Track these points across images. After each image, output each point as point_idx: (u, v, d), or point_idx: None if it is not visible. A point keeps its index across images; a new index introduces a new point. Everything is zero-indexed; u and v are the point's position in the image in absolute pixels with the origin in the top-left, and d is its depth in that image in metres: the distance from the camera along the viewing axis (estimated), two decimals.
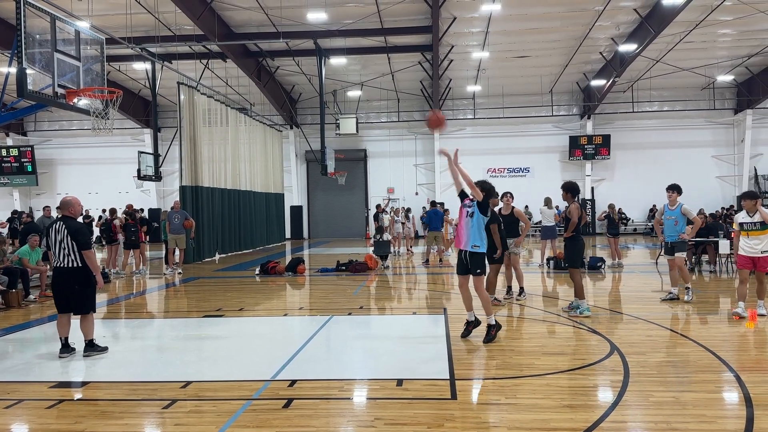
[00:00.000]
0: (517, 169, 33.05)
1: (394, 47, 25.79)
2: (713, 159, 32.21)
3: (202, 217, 20.16)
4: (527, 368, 6.33)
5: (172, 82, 24.33)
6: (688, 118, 32.13)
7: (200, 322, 9.44)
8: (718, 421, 4.73)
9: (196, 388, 5.83)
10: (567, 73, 29.73)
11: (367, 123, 33.31)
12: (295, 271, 15.88)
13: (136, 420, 5.07)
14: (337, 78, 29.61)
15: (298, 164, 34.21)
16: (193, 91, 20.24)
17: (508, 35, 24.70)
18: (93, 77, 11.79)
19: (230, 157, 23.19)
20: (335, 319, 9.42)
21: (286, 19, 22.23)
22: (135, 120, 32.72)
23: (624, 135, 32.38)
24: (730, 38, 25.58)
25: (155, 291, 13.65)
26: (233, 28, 23.91)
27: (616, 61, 26.37)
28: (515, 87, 31.53)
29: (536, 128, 32.87)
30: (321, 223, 34.41)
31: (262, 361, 6.86)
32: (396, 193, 33.88)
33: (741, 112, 31.42)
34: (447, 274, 15.64)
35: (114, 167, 33.88)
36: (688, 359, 6.54)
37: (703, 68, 28.32)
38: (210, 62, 26.12)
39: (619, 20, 23.50)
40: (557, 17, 22.92)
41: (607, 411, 4.98)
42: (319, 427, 4.80)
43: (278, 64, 28.27)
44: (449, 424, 4.77)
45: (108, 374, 6.54)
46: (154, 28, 22.00)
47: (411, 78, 30.08)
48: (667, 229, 10.38)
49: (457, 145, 35.62)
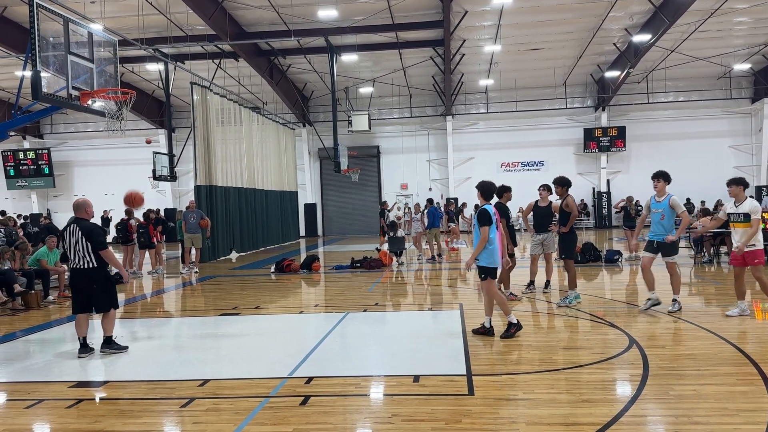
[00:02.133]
0: (531, 162, 32.83)
1: (405, 43, 25.70)
2: (730, 149, 31.76)
3: (217, 216, 20.26)
4: (545, 363, 6.29)
5: (185, 83, 24.46)
6: (704, 108, 31.71)
7: (217, 321, 9.49)
8: (741, 414, 4.66)
9: (213, 387, 5.86)
10: (580, 65, 29.45)
11: (379, 119, 33.28)
12: (310, 268, 15.91)
13: (154, 419, 5.10)
14: (349, 75, 29.58)
15: (312, 162, 34.27)
16: (206, 91, 20.32)
17: (520, 28, 24.51)
18: (106, 79, 11.85)
19: (244, 156, 23.28)
20: (351, 315, 9.42)
21: (297, 17, 22.23)
22: (149, 121, 32.94)
23: (639, 126, 32.03)
24: (746, 26, 25.18)
25: (172, 290, 13.74)
26: (245, 27, 23.96)
27: (630, 51, 26.08)
28: (528, 80, 31.30)
29: (550, 121, 32.61)
30: (335, 221, 34.44)
31: (279, 358, 6.87)
32: (409, 189, 33.83)
33: (758, 101, 30.92)
34: (461, 269, 15.57)
35: (129, 168, 34.11)
36: (708, 352, 6.46)
37: (719, 57, 27.91)
38: (222, 62, 26.20)
39: (633, 10, 23.23)
40: (569, 9, 22.70)
41: (626, 405, 4.93)
42: (337, 424, 4.79)
43: (290, 62, 28.30)
44: (467, 420, 4.74)
45: (127, 373, 6.59)
46: (166, 28, 22.12)
47: (423, 73, 29.98)
48: (654, 225, 8.86)
49: (471, 140, 35.55)
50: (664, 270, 9.02)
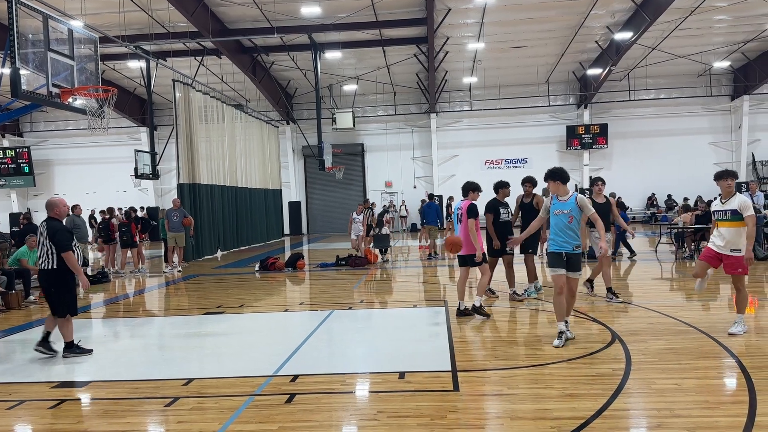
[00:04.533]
0: (514, 160, 33.00)
1: (389, 40, 25.69)
2: (710, 146, 32.17)
3: (201, 215, 20.13)
4: (529, 358, 6.34)
5: (167, 80, 24.24)
6: (684, 106, 32.08)
7: (201, 320, 9.43)
8: (721, 407, 4.73)
9: (198, 386, 5.83)
10: (563, 62, 29.65)
11: (363, 117, 33.25)
12: (294, 266, 15.87)
13: (138, 418, 5.07)
14: (333, 72, 29.51)
15: (296, 160, 34.16)
16: (188, 89, 20.16)
17: (503, 26, 24.61)
18: (87, 76, 11.72)
19: (227, 153, 23.14)
20: (336, 313, 9.41)
21: (279, 14, 22.12)
22: (131, 118, 32.63)
23: (621, 124, 32.33)
24: (725, 24, 25.49)
25: (155, 289, 13.64)
26: (227, 24, 23.81)
27: (612, 49, 26.29)
28: (511, 78, 31.45)
29: (533, 119, 32.81)
30: (320, 218, 34.38)
31: (264, 357, 6.85)
32: (394, 186, 33.88)
33: (738, 98, 31.35)
34: (446, 267, 15.62)
35: (111, 166, 33.79)
36: (689, 346, 6.54)
37: (699, 55, 28.24)
38: (205, 59, 26.02)
39: (614, 8, 23.41)
40: (552, 6, 22.82)
41: (610, 399, 4.98)
42: (322, 421, 4.79)
43: (273, 59, 28.17)
44: (452, 416, 4.77)
45: (109, 373, 6.53)
46: (147, 25, 21.90)
47: (407, 71, 29.99)
48: (559, 232, 6.87)
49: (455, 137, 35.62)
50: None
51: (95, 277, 14.51)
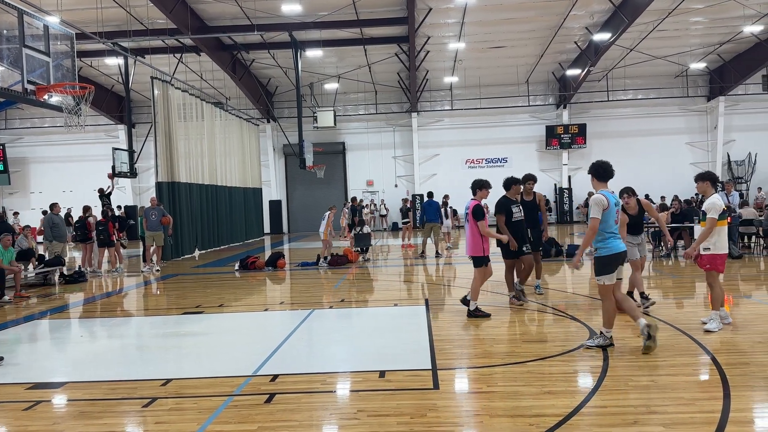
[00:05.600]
0: (494, 159, 33.19)
1: (370, 39, 25.68)
2: (687, 146, 32.65)
3: (180, 214, 19.95)
4: (508, 356, 6.37)
5: (145, 77, 23.99)
6: (662, 106, 32.52)
7: (179, 320, 9.35)
8: (696, 403, 4.81)
9: (176, 386, 5.78)
10: (542, 63, 29.88)
11: (345, 115, 33.20)
12: (275, 265, 15.79)
13: (115, 419, 5.01)
14: (314, 71, 29.42)
15: (276, 158, 34.01)
16: (167, 86, 19.97)
17: (484, 26, 24.73)
18: (63, 73, 11.54)
19: (206, 152, 22.96)
20: (316, 312, 9.39)
21: (260, 11, 22.01)
22: (108, 116, 32.23)
23: (599, 124, 32.68)
24: (702, 26, 25.89)
25: (133, 289, 13.49)
26: (207, 22, 23.62)
27: (591, 50, 26.56)
28: (492, 78, 31.62)
29: (513, 118, 33.02)
30: (300, 217, 34.25)
31: (243, 356, 6.81)
32: (375, 185, 33.89)
33: (714, 99, 31.87)
34: (425, 265, 15.67)
35: (88, 165, 33.30)
36: (665, 343, 6.63)
37: (676, 56, 28.64)
38: (184, 56, 25.78)
39: (593, 9, 23.65)
40: (532, 7, 22.98)
41: (587, 396, 5.03)
42: (302, 421, 4.78)
43: (253, 57, 28.00)
44: (432, 414, 4.78)
45: (86, 374, 6.45)
46: (125, 22, 21.66)
47: (388, 70, 30.01)
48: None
49: (436, 136, 35.65)
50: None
51: (71, 276, 14.32)
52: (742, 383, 5.20)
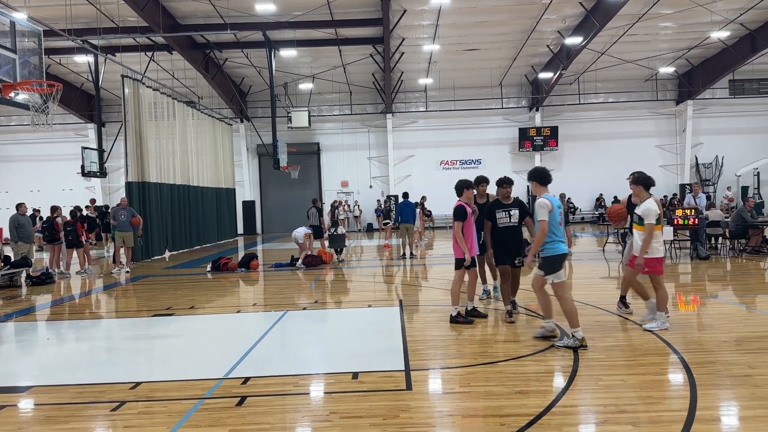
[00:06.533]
0: (469, 160, 33.41)
1: (345, 39, 25.65)
2: (656, 148, 33.26)
3: (150, 214, 19.68)
4: (481, 356, 6.41)
5: (115, 75, 23.64)
6: (632, 109, 33.08)
7: (150, 322, 9.21)
8: (664, 402, 4.89)
9: (146, 389, 5.69)
10: (516, 66, 30.17)
11: (319, 116, 33.12)
12: (248, 266, 15.66)
13: (82, 424, 4.91)
14: (288, 70, 29.28)
15: (250, 158, 33.76)
16: (138, 84, 19.68)
17: (458, 28, 24.88)
18: (31, 70, 11.31)
19: (178, 151, 22.69)
20: (290, 314, 9.33)
21: (233, 10, 21.83)
22: (78, 115, 31.67)
23: (571, 126, 33.11)
24: (671, 31, 26.41)
25: (102, 290, 13.26)
26: (179, 20, 23.35)
27: (563, 53, 26.90)
28: (466, 80, 31.82)
29: (487, 120, 33.28)
30: (274, 218, 34.05)
31: (215, 359, 6.73)
32: (350, 186, 33.86)
33: (682, 103, 32.52)
34: (401, 266, 15.68)
35: (57, 164, 32.73)
36: (634, 343, 6.74)
37: (646, 60, 29.17)
38: (155, 54, 25.46)
39: (565, 13, 23.96)
40: (505, 10, 23.20)
41: (558, 395, 5.09)
42: (274, 423, 4.74)
43: (226, 56, 27.77)
44: (404, 415, 4.78)
45: (53, 378, 6.31)
46: (95, 19, 21.29)
47: (363, 71, 30.00)
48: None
49: (411, 138, 35.73)
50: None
51: (39, 278, 14.02)
52: (709, 382, 5.31)
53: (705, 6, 22.40)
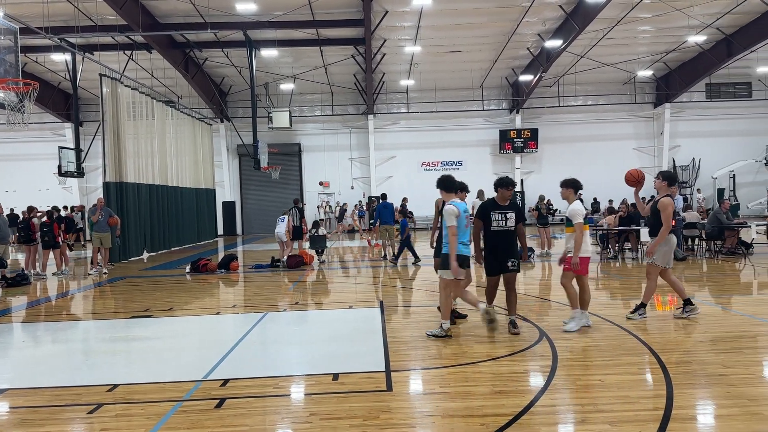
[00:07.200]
0: (450, 162, 33.54)
1: (326, 40, 25.61)
2: (634, 151, 33.69)
3: (128, 215, 19.46)
4: (461, 357, 6.44)
5: (93, 74, 23.34)
6: (611, 112, 33.46)
7: (127, 323, 9.11)
8: (641, 401, 4.94)
9: (123, 391, 5.62)
10: (496, 68, 30.35)
11: (300, 116, 33.02)
12: (227, 268, 15.56)
13: (58, 427, 4.84)
14: (269, 70, 29.16)
15: (230, 159, 33.55)
16: (116, 84, 19.46)
17: (440, 30, 24.97)
18: (6, 68, 11.14)
19: (157, 151, 22.46)
20: (270, 315, 9.29)
21: (213, 9, 21.68)
22: (55, 114, 31.24)
23: (551, 128, 33.40)
24: (649, 35, 26.76)
25: (79, 292, 13.08)
26: (158, 19, 23.13)
27: (543, 56, 27.12)
28: (447, 81, 31.94)
29: (468, 122, 33.44)
30: (255, 219, 33.87)
31: (193, 361, 6.68)
32: (331, 187, 33.80)
33: (660, 106, 32.97)
34: (382, 267, 15.68)
35: (33, 163, 32.24)
36: (612, 343, 6.81)
37: (624, 63, 29.54)
38: (134, 53, 25.19)
39: (545, 16, 24.17)
40: (486, 13, 23.34)
41: (537, 395, 5.12)
42: (253, 425, 4.72)
43: (206, 55, 27.57)
44: (384, 416, 4.79)
45: (28, 381, 6.21)
46: (73, 17, 21.01)
47: (344, 71, 29.98)
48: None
49: (392, 139, 35.75)
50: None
51: (14, 279, 13.79)
52: (685, 381, 5.38)
53: (682, 10, 22.74)
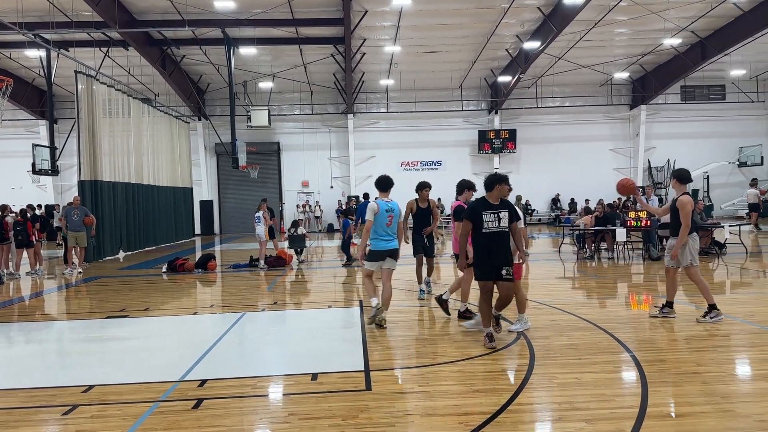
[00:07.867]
0: (429, 162, 33.64)
1: (306, 39, 25.52)
2: (611, 152, 34.11)
3: (103, 214, 19.20)
4: (440, 356, 6.47)
5: (69, 71, 22.96)
6: (587, 113, 33.83)
7: (103, 324, 8.99)
8: (616, 399, 5.02)
9: (99, 392, 5.55)
10: (475, 69, 30.51)
11: (279, 115, 32.84)
12: (205, 267, 15.43)
13: (32, 428, 4.77)
14: (248, 69, 28.97)
15: (208, 157, 33.25)
16: (92, 81, 19.19)
17: (419, 30, 25.02)
18: None
19: (133, 150, 22.19)
20: (248, 315, 9.24)
21: (191, 6, 21.49)
22: (29, 111, 30.71)
23: (529, 129, 33.66)
24: (625, 37, 27.11)
25: (53, 292, 12.88)
26: (135, 15, 22.85)
27: (521, 57, 27.32)
28: (427, 82, 32.02)
29: (447, 122, 33.56)
30: (233, 218, 33.61)
31: (170, 362, 6.62)
32: (311, 186, 33.69)
33: (636, 108, 33.42)
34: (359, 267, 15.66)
35: (6, 161, 31.64)
36: (588, 341, 6.90)
37: (601, 65, 29.88)
38: (111, 50, 24.85)
39: (524, 18, 24.35)
40: (466, 13, 23.45)
41: (514, 393, 5.17)
42: (231, 426, 4.69)
43: (184, 53, 27.30)
44: (364, 415, 4.79)
45: (1, 382, 6.10)
46: (48, 13, 20.67)
47: (324, 70, 29.89)
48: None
49: (372, 138, 35.79)
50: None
51: None
52: (659, 379, 5.47)
53: (658, 13, 23.08)
